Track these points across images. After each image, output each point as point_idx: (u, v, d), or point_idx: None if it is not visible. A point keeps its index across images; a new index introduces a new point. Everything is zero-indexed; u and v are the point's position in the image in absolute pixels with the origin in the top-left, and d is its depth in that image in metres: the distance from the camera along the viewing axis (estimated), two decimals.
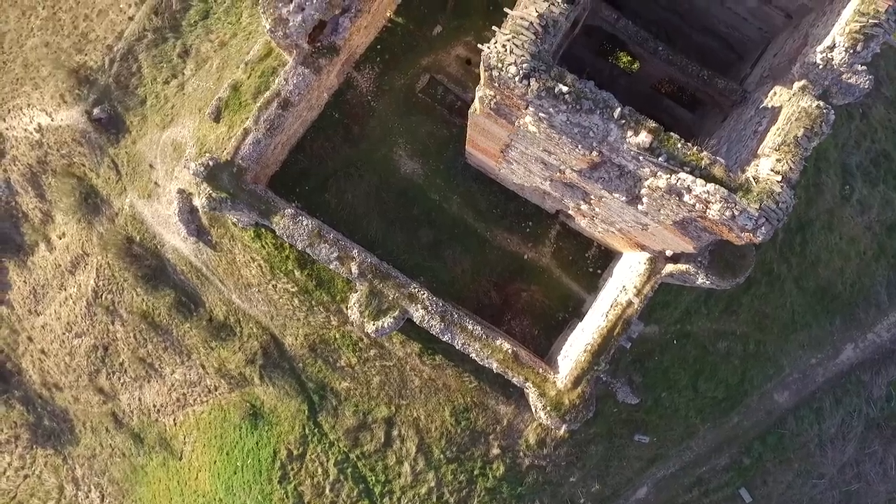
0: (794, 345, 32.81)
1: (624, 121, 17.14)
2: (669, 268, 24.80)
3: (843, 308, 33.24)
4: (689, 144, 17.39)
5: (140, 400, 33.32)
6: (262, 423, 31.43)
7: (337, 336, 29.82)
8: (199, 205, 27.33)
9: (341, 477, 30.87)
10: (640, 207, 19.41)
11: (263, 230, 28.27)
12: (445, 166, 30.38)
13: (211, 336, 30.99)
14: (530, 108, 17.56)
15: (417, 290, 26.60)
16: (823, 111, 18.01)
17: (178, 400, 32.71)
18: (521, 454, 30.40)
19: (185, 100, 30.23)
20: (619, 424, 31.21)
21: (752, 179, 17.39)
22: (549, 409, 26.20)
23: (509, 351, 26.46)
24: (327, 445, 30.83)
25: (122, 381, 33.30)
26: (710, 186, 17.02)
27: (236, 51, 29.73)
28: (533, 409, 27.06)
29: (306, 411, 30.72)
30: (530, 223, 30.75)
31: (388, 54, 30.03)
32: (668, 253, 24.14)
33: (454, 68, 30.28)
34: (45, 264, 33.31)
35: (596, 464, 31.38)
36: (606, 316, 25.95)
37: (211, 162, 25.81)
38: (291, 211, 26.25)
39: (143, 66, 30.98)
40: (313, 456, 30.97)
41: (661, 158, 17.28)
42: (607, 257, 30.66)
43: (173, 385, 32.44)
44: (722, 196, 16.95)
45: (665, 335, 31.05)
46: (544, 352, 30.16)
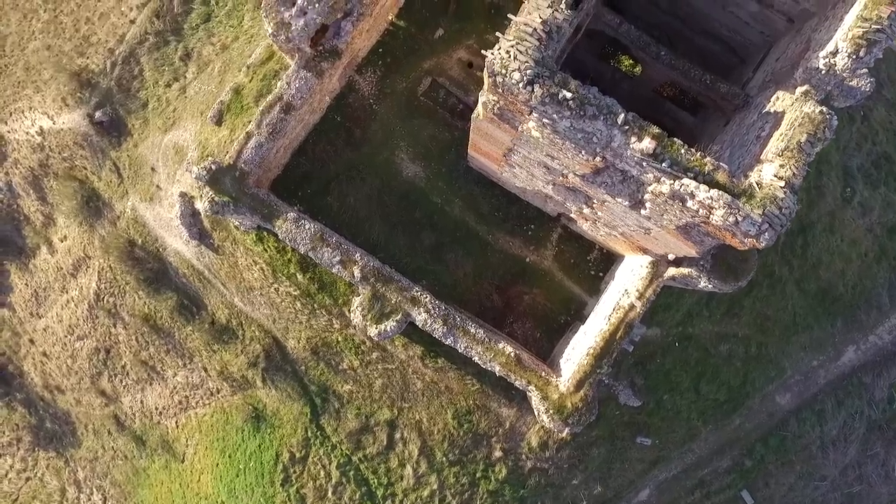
0: (796, 347, 32.83)
1: (627, 127, 17.16)
2: (672, 271, 24.81)
3: (845, 310, 33.25)
4: (693, 150, 17.41)
5: (142, 402, 33.33)
6: (264, 425, 31.45)
7: (339, 339, 29.84)
8: (201, 208, 27.34)
9: (344, 480, 30.90)
10: (642, 212, 19.41)
11: (265, 233, 28.24)
12: (447, 169, 30.39)
13: (213, 339, 31.01)
14: (534, 114, 17.56)
15: (420, 293, 26.58)
16: (826, 117, 18.04)
17: (181, 403, 32.73)
18: (524, 457, 30.43)
19: (186, 103, 30.23)
20: (621, 427, 31.23)
21: (755, 185, 17.42)
22: (552, 412, 26.21)
23: (512, 354, 26.46)
24: (330, 448, 30.85)
25: (124, 384, 33.31)
26: (714, 192, 17.04)
27: (238, 54, 29.73)
28: (536, 413, 27.08)
29: (308, 414, 30.74)
30: (532, 226, 30.77)
31: (389, 58, 30.05)
32: (671, 256, 24.12)
33: (456, 71, 30.30)
34: (47, 267, 33.31)
35: (598, 466, 31.40)
36: (609, 319, 25.95)
37: (213, 166, 25.81)
38: (294, 215, 26.23)
39: (145, 70, 30.98)
40: (316, 459, 30.99)
41: (664, 164, 17.30)
42: (609, 260, 30.68)
43: (175, 388, 32.46)
44: (725, 202, 16.97)
45: (667, 337, 31.06)
46: (546, 354, 30.17)
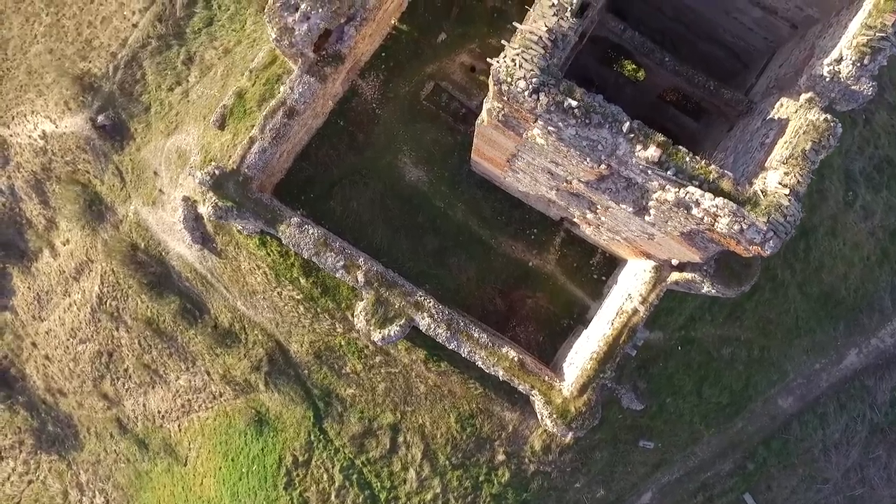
0: (798, 350, 32.87)
1: (633, 134, 17.20)
2: (675, 276, 24.83)
3: (847, 313, 33.29)
4: (698, 158, 17.44)
5: (145, 406, 33.34)
6: (267, 429, 31.47)
7: (342, 343, 29.86)
8: (204, 213, 27.34)
9: (347, 483, 30.92)
10: (647, 218, 19.44)
11: (268, 237, 28.25)
12: (450, 173, 30.40)
13: (216, 343, 31.02)
14: (539, 122, 17.59)
15: (423, 298, 26.58)
16: (831, 124, 18.07)
17: (183, 406, 32.73)
18: (527, 460, 30.46)
19: (189, 107, 30.22)
20: (623, 430, 31.28)
21: (759, 193, 17.46)
22: (555, 416, 26.24)
23: (515, 359, 26.49)
24: (333, 452, 30.88)
25: (126, 387, 33.31)
26: (719, 200, 17.08)
27: (241, 58, 29.72)
28: (539, 417, 27.11)
29: (311, 418, 30.76)
30: (535, 230, 30.79)
31: (392, 62, 30.04)
32: (674, 261, 24.15)
33: (458, 76, 30.30)
34: (49, 271, 33.30)
35: (601, 469, 31.45)
36: (612, 324, 25.97)
37: (217, 171, 25.80)
38: (297, 219, 26.22)
39: (148, 74, 30.98)
40: (319, 462, 31.02)
41: (669, 172, 17.33)
42: (612, 265, 30.71)
43: (178, 391, 32.47)
44: (730, 210, 17.01)
45: (670, 341, 31.10)
46: (549, 358, 30.20)
